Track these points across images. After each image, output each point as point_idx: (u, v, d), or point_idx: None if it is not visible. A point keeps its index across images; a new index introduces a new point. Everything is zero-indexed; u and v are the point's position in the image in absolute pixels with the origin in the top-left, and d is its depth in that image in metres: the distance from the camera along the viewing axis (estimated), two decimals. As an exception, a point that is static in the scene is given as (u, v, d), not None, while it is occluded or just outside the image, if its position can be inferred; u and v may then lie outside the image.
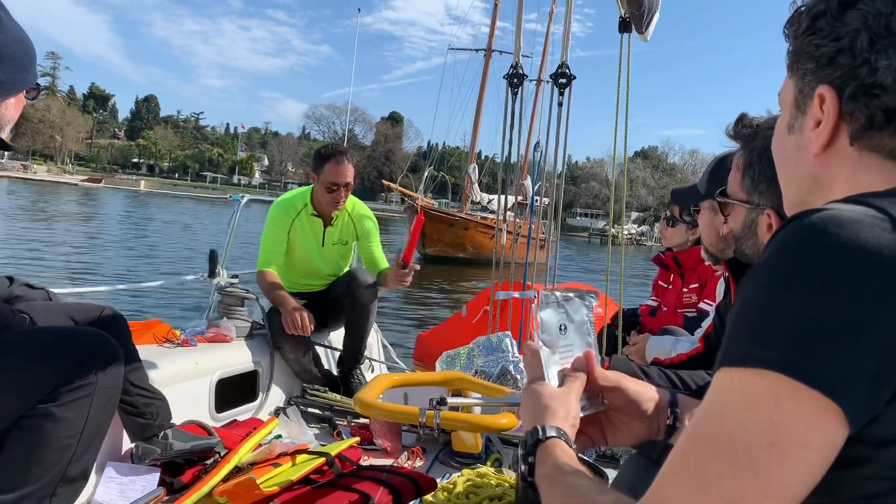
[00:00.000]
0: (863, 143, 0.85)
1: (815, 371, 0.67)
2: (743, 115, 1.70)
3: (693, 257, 3.85)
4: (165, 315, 6.45)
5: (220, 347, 3.46)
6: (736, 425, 0.70)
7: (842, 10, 0.86)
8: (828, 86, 0.87)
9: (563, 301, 1.22)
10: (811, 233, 0.73)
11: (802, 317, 0.69)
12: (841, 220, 0.72)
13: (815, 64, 0.89)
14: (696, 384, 1.87)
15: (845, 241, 0.70)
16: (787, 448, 0.67)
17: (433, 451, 3.22)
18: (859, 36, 0.83)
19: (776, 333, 0.70)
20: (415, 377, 3.31)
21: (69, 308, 2.53)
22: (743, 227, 1.71)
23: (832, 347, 0.67)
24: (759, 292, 0.73)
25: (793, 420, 0.68)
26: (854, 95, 0.84)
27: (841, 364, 0.67)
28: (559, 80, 3.80)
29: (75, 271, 14.52)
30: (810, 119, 0.90)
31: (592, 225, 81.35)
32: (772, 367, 0.69)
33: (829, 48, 0.86)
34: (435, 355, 5.83)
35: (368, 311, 3.92)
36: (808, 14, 0.90)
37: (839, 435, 0.69)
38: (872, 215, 0.72)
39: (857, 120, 0.85)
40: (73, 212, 32.75)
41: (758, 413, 0.69)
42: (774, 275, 0.73)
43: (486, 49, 38.59)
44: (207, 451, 2.73)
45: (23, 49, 1.93)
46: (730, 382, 0.73)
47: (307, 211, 4.00)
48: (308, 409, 3.58)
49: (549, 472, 0.97)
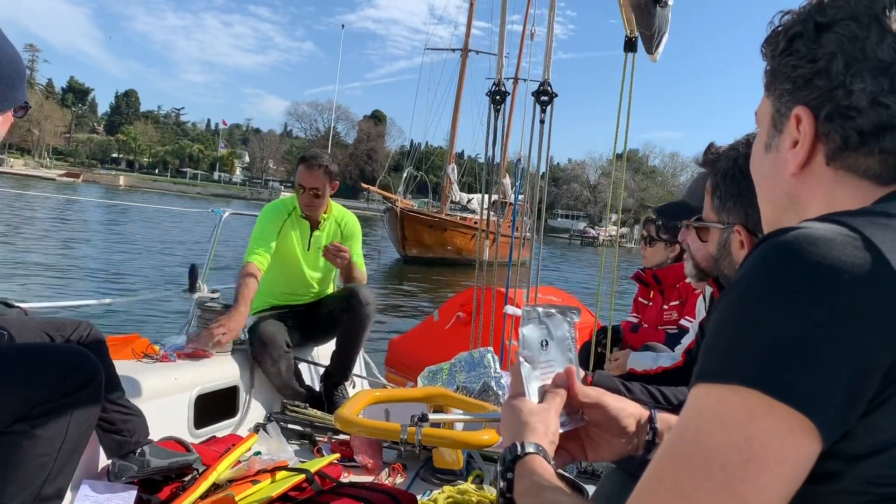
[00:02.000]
0: (838, 163, 0.87)
1: (789, 387, 0.69)
2: (710, 145, 1.79)
3: (673, 275, 3.87)
4: (144, 330, 6.38)
5: (200, 363, 3.42)
6: (711, 441, 0.71)
7: (818, 33, 0.87)
8: (804, 107, 0.89)
9: (545, 317, 1.22)
10: (785, 251, 0.74)
11: (776, 334, 0.70)
12: (814, 239, 0.73)
13: (791, 85, 0.91)
14: (679, 399, 1.89)
15: (819, 259, 0.71)
16: (762, 463, 0.68)
17: (414, 467, 3.21)
18: (835, 59, 0.85)
19: (750, 350, 0.71)
20: (396, 393, 3.31)
21: (45, 324, 2.50)
22: (718, 248, 1.77)
23: (805, 364, 0.69)
24: (734, 309, 0.75)
25: (767, 436, 0.69)
26: (830, 117, 0.86)
27: (814, 380, 0.68)
28: (541, 98, 3.79)
29: (50, 285, 14.19)
30: (787, 139, 0.92)
31: (573, 226, 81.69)
32: (746, 384, 0.70)
33: (806, 70, 0.88)
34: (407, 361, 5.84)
35: (364, 328, 3.92)
36: (786, 35, 0.91)
37: (813, 450, 0.70)
38: (845, 234, 0.74)
39: (832, 141, 0.86)
40: (49, 217, 31.96)
41: (733, 429, 0.70)
42: (749, 292, 0.74)
43: (462, 49, 38.69)
44: (185, 467, 2.69)
45: (13, 68, 1.92)
46: (705, 398, 0.74)
47: (296, 213, 4.04)
48: (288, 426, 3.54)
49: (528, 489, 0.98)
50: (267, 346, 3.62)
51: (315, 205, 3.97)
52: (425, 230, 29.25)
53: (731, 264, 1.74)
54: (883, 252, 0.71)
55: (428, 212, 33.07)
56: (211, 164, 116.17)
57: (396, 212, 28.34)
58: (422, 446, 2.46)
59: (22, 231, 23.95)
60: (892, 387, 0.70)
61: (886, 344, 0.69)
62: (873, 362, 0.69)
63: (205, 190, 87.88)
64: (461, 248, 29.30)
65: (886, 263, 0.71)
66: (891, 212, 0.79)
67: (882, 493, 0.73)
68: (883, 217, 0.78)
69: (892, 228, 0.75)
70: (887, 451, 0.72)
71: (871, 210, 0.81)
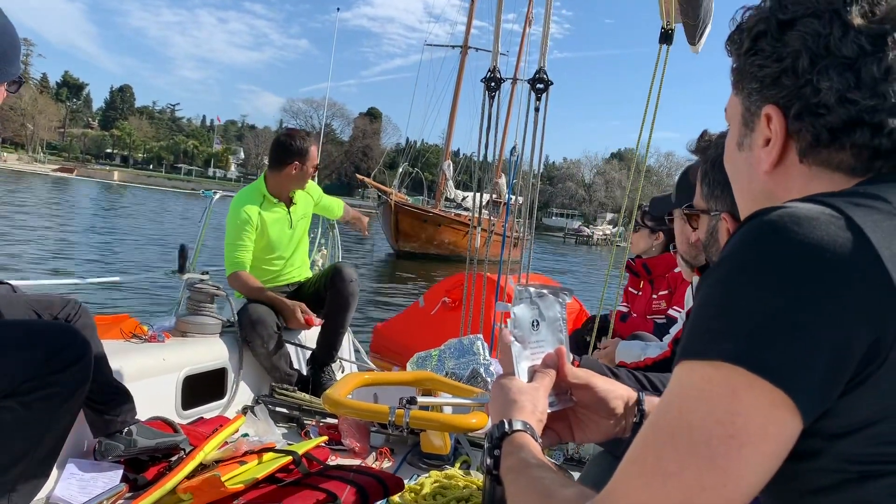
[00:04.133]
0: (811, 158, 0.88)
1: (769, 363, 0.69)
2: (704, 132, 1.78)
3: (662, 264, 3.89)
4: (133, 310, 6.36)
5: (189, 344, 3.42)
6: (695, 417, 0.71)
7: (781, 31, 0.87)
8: (774, 105, 0.89)
9: (537, 297, 1.22)
10: (769, 229, 0.75)
11: (759, 311, 0.71)
12: (798, 218, 0.74)
13: (759, 84, 0.91)
14: (664, 384, 1.89)
15: (802, 238, 0.72)
16: (745, 439, 0.69)
17: (402, 452, 3.22)
18: (801, 57, 0.85)
19: (733, 327, 0.72)
20: (385, 377, 3.30)
21: (33, 301, 2.49)
22: (707, 235, 1.77)
23: (787, 341, 0.69)
24: (718, 287, 0.76)
25: (750, 412, 0.69)
26: (799, 115, 0.86)
27: (795, 357, 0.69)
28: (537, 86, 3.79)
29: (41, 265, 14.20)
30: (759, 137, 0.92)
31: (568, 225, 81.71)
32: (729, 360, 0.71)
33: (773, 69, 0.88)
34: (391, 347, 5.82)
35: (349, 305, 3.93)
36: (749, 34, 0.91)
37: (794, 427, 0.71)
38: (829, 213, 0.74)
39: (804, 138, 0.87)
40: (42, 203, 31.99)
41: (716, 405, 0.71)
42: (733, 270, 0.75)
43: (462, 46, 38.58)
44: (172, 448, 2.69)
45: (8, 41, 1.89)
46: (689, 375, 0.74)
47: (269, 200, 4.02)
48: (276, 409, 3.55)
49: (514, 465, 0.98)
50: (256, 327, 3.63)
51: None
52: (419, 224, 29.15)
53: (718, 251, 1.74)
54: (865, 232, 0.72)
55: (422, 206, 32.98)
56: (206, 161, 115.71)
57: (391, 205, 28.27)
58: (409, 429, 2.45)
59: (13, 213, 23.96)
60: (872, 366, 0.71)
61: (867, 323, 0.70)
62: (853, 341, 0.70)
63: (199, 186, 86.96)
64: (454, 244, 29.23)
65: (868, 243, 0.71)
66: (872, 193, 0.79)
67: (860, 470, 0.73)
68: (865, 198, 0.78)
69: (874, 210, 0.76)
70: (866, 429, 0.72)
71: (854, 191, 0.82)
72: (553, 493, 0.87)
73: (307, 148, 4.01)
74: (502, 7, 4.24)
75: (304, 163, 4.01)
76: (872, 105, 0.82)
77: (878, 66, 0.82)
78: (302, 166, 4.01)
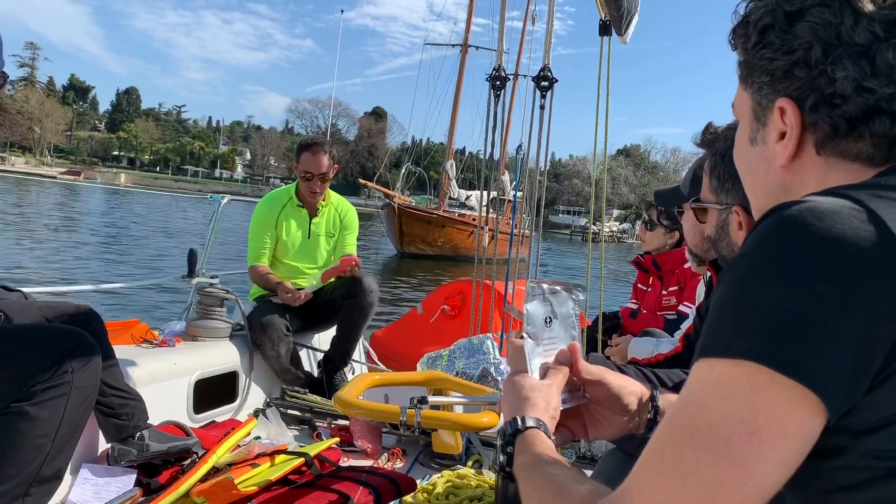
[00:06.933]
0: (829, 149, 0.86)
1: (794, 361, 0.68)
2: (709, 124, 1.75)
3: (672, 260, 3.87)
4: (143, 316, 6.36)
5: (199, 348, 3.43)
6: (715, 415, 0.70)
7: (790, 23, 0.86)
8: (787, 98, 0.87)
9: (550, 294, 1.22)
10: (790, 224, 0.73)
11: (781, 307, 0.70)
12: (820, 212, 0.72)
13: (770, 77, 0.89)
14: (673, 381, 1.88)
15: (824, 233, 0.71)
16: (765, 437, 0.68)
17: (413, 452, 3.22)
18: (812, 48, 0.84)
19: (755, 324, 0.71)
20: (396, 377, 3.30)
21: (44, 307, 2.50)
22: (716, 229, 1.75)
23: (810, 338, 0.68)
24: (738, 283, 0.74)
25: (772, 409, 0.68)
26: (815, 107, 0.85)
27: (819, 354, 0.68)
28: (541, 83, 3.78)
29: (52, 272, 14.23)
30: (773, 131, 0.91)
31: (574, 222, 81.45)
32: (750, 358, 0.70)
33: (784, 62, 0.86)
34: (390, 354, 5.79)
35: (367, 315, 3.97)
36: (756, 27, 0.90)
37: (817, 424, 0.70)
38: (850, 207, 0.73)
39: (821, 130, 0.85)
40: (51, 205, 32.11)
41: (737, 402, 0.70)
42: (753, 266, 0.74)
43: (462, 44, 38.51)
44: (185, 451, 2.70)
45: None
46: (709, 373, 0.73)
47: (293, 203, 4.09)
48: (288, 411, 3.56)
49: (527, 462, 0.97)
50: (266, 330, 3.64)
51: (322, 190, 4.04)
52: (423, 226, 29.10)
53: (729, 245, 1.73)
54: (888, 225, 0.71)
55: (426, 208, 32.95)
56: (212, 162, 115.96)
57: (394, 208, 28.27)
58: (421, 429, 2.45)
59: (23, 219, 24.04)
60: None
61: (892, 318, 0.68)
62: (879, 336, 0.68)
63: (206, 187, 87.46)
64: (459, 245, 29.18)
65: (891, 236, 0.70)
66: (894, 184, 0.78)
67: (887, 467, 0.72)
68: (887, 190, 0.76)
69: (895, 201, 0.74)
70: (893, 425, 0.71)
71: (875, 183, 0.80)
72: (568, 489, 0.86)
73: (300, 151, 4.05)
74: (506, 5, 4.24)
75: (298, 165, 4.04)
76: (891, 93, 0.81)
77: (893, 53, 0.81)
78: (297, 168, 4.05)
